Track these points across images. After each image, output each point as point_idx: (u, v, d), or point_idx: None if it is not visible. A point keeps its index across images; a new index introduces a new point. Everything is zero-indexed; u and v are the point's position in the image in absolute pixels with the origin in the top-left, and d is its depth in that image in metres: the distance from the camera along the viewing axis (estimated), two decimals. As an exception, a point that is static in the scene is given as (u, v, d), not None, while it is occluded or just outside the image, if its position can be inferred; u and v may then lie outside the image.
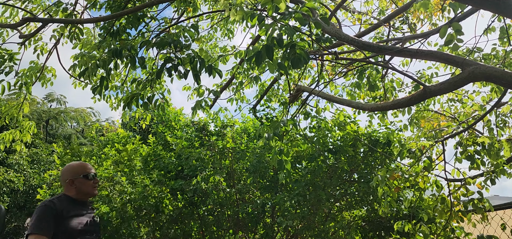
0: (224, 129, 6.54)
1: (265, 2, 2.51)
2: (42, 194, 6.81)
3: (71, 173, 2.54)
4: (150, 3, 3.77)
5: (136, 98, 3.69)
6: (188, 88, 5.64)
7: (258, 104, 5.73)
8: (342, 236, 5.76)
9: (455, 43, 2.71)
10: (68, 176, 2.53)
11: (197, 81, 3.14)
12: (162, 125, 7.15)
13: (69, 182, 2.51)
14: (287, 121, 3.38)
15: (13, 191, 13.83)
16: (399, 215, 5.68)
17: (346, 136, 5.58)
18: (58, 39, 4.54)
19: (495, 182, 3.63)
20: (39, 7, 4.76)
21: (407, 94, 4.13)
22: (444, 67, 5.30)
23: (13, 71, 4.21)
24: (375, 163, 5.71)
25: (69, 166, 2.62)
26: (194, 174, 5.96)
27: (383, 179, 3.74)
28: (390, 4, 5.57)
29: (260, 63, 2.49)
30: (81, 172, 2.54)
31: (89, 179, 2.55)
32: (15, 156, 14.22)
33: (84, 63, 3.55)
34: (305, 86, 5.07)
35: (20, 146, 5.02)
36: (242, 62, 5.01)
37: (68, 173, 2.55)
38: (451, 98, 5.34)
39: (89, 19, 4.06)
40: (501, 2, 2.41)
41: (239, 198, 6.05)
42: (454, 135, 3.87)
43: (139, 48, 3.42)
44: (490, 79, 2.57)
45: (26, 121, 5.07)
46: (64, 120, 20.33)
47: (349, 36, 3.18)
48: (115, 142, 7.22)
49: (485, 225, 3.77)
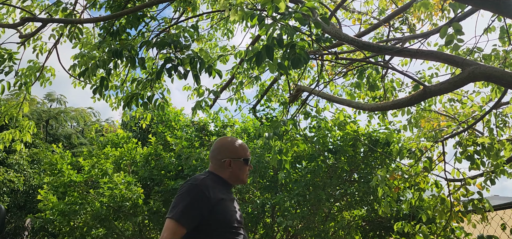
0: (224, 129, 6.54)
1: (265, 2, 2.51)
2: (43, 194, 6.81)
3: (231, 152, 2.10)
4: (150, 3, 3.77)
5: (136, 98, 3.69)
6: (188, 88, 5.63)
7: (258, 104, 5.73)
8: (342, 236, 5.76)
9: (455, 43, 2.71)
10: (226, 154, 2.09)
11: (197, 81, 3.14)
12: (162, 124, 7.16)
13: (226, 162, 2.08)
14: (287, 120, 3.38)
15: (13, 191, 13.82)
16: (399, 215, 5.68)
17: (346, 136, 5.58)
18: (57, 39, 4.53)
19: (495, 182, 3.63)
20: (38, 7, 4.76)
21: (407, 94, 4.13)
22: (444, 67, 5.30)
23: (12, 71, 4.21)
24: (375, 163, 5.71)
25: (229, 143, 2.15)
26: (194, 174, 5.96)
27: (383, 179, 3.74)
28: (390, 4, 5.57)
29: (260, 63, 2.49)
30: (242, 155, 2.12)
31: (247, 165, 2.14)
32: (15, 156, 14.21)
33: (84, 63, 3.55)
34: (305, 86, 5.07)
35: (20, 146, 5.01)
36: (242, 62, 5.01)
37: (227, 151, 2.11)
38: (451, 99, 5.33)
39: (89, 19, 4.05)
40: (501, 2, 2.41)
41: (239, 198, 6.05)
42: (454, 135, 3.87)
43: (139, 48, 3.42)
44: (490, 79, 2.57)
45: (26, 120, 5.07)
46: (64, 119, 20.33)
47: (349, 36, 3.18)
48: (115, 142, 7.24)
49: (485, 225, 3.76)
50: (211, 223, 1.86)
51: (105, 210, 5.98)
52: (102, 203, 6.00)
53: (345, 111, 5.64)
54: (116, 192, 5.91)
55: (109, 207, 6.01)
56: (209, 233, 1.87)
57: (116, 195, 5.91)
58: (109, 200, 5.96)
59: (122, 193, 5.91)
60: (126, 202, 5.94)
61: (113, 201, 5.93)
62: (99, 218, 6.05)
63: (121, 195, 5.90)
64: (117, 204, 5.96)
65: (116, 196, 5.92)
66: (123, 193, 5.90)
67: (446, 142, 3.89)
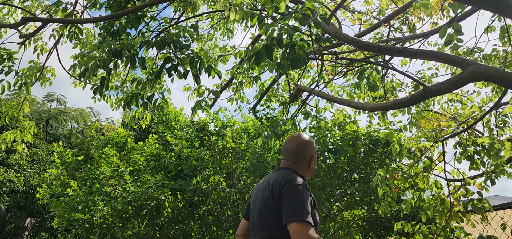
0: (224, 129, 6.54)
1: (265, 2, 2.51)
2: (42, 193, 6.81)
3: (313, 148, 2.00)
4: (150, 3, 3.77)
5: (136, 98, 3.69)
6: (188, 89, 5.63)
7: (258, 104, 5.73)
8: (342, 236, 5.76)
9: (455, 43, 2.71)
10: (310, 151, 1.99)
11: (196, 81, 3.14)
12: (162, 125, 7.16)
13: (311, 159, 1.97)
14: (286, 120, 3.38)
15: (13, 191, 13.82)
16: (399, 215, 5.68)
17: (346, 136, 5.58)
18: (58, 39, 4.53)
19: (495, 182, 3.62)
20: (39, 6, 4.76)
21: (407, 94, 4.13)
22: (444, 67, 5.30)
23: (12, 71, 4.21)
24: (375, 163, 5.71)
25: (305, 139, 2.03)
26: (194, 174, 5.96)
27: (383, 179, 3.74)
28: (390, 3, 5.57)
29: (260, 63, 2.49)
30: (315, 149, 2.03)
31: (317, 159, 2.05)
32: (15, 156, 14.21)
33: (84, 63, 3.55)
34: (305, 86, 5.07)
35: (20, 146, 5.01)
36: (242, 62, 5.01)
37: (311, 146, 2.00)
38: (451, 99, 5.33)
39: (89, 19, 4.06)
40: (501, 2, 2.41)
41: (239, 198, 6.05)
42: (454, 135, 3.87)
43: (139, 48, 3.42)
44: (490, 79, 2.57)
45: (26, 120, 5.07)
46: (64, 119, 20.34)
47: (349, 36, 3.18)
48: (115, 141, 7.23)
49: (485, 225, 3.76)
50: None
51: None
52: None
53: (345, 111, 5.64)
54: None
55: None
56: None
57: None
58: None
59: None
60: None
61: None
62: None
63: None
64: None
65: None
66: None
67: (446, 142, 3.89)
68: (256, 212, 1.95)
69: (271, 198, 1.84)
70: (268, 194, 1.87)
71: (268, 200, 1.85)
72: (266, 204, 1.87)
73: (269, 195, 1.86)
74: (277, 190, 1.82)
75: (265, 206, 1.86)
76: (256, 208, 1.95)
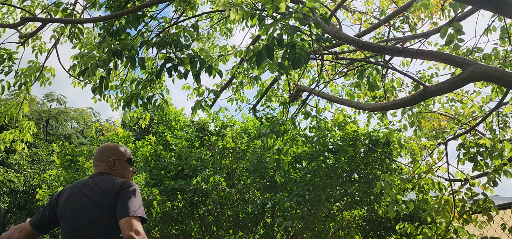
0: (224, 129, 6.54)
1: (265, 2, 2.51)
2: (41, 193, 6.79)
3: (116, 152, 2.23)
4: (150, 3, 3.76)
5: (135, 98, 3.68)
6: (187, 88, 5.63)
7: (258, 104, 5.73)
8: (342, 236, 5.76)
9: (456, 43, 2.71)
10: (111, 154, 2.21)
11: (197, 81, 3.13)
12: (162, 124, 7.15)
13: (111, 161, 2.19)
14: (286, 120, 3.38)
15: (13, 191, 13.82)
16: (400, 215, 5.68)
17: (346, 136, 5.57)
18: (57, 39, 4.53)
19: (497, 183, 3.61)
20: (38, 6, 4.76)
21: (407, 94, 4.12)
22: (444, 67, 5.29)
23: (12, 71, 4.20)
24: (375, 163, 5.70)
25: (109, 145, 2.30)
26: (194, 174, 5.95)
27: (387, 184, 3.72)
28: (390, 3, 5.56)
29: (260, 63, 2.48)
30: (125, 155, 2.26)
31: (131, 165, 2.28)
32: (15, 156, 14.21)
33: (84, 63, 3.55)
34: (305, 86, 5.06)
35: (20, 146, 5.01)
36: (242, 62, 5.01)
37: (111, 151, 2.23)
38: (451, 99, 5.33)
39: (89, 19, 4.05)
40: (501, 2, 2.40)
41: (239, 198, 6.05)
42: (457, 136, 3.86)
43: (139, 48, 3.42)
44: (490, 79, 2.57)
45: (26, 120, 5.07)
46: (64, 119, 20.33)
47: (349, 36, 3.17)
48: (115, 141, 7.21)
49: (485, 226, 3.75)
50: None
51: None
52: None
53: (345, 111, 5.63)
54: None
55: None
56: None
57: None
58: None
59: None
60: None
61: None
62: None
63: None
64: None
65: None
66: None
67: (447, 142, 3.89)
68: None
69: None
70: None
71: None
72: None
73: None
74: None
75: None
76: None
